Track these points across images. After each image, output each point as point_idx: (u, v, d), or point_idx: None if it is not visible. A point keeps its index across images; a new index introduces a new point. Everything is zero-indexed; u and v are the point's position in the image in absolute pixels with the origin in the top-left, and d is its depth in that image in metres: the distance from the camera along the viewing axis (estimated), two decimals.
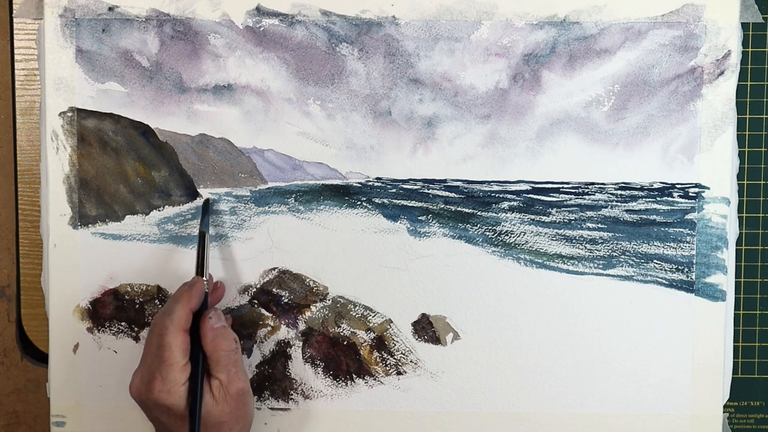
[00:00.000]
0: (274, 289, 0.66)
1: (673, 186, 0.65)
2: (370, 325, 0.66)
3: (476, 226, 0.65)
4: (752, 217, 0.67)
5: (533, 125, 0.65)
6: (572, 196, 0.65)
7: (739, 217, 0.65)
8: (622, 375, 0.65)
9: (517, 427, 0.66)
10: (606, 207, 0.65)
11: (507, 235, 0.65)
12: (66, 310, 0.66)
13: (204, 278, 0.61)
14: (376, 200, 0.65)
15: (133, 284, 0.66)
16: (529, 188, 0.65)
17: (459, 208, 0.65)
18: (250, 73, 0.65)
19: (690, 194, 0.65)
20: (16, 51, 0.67)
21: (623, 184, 0.65)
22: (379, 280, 0.65)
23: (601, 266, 0.65)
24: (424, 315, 0.66)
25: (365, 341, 0.66)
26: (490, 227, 0.65)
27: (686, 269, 0.65)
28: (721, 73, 0.64)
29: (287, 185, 0.66)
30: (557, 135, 0.65)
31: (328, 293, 0.66)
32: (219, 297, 0.64)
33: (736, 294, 0.67)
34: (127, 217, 0.66)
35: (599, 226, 0.65)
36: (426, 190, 0.65)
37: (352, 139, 0.65)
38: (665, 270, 0.65)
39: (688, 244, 0.65)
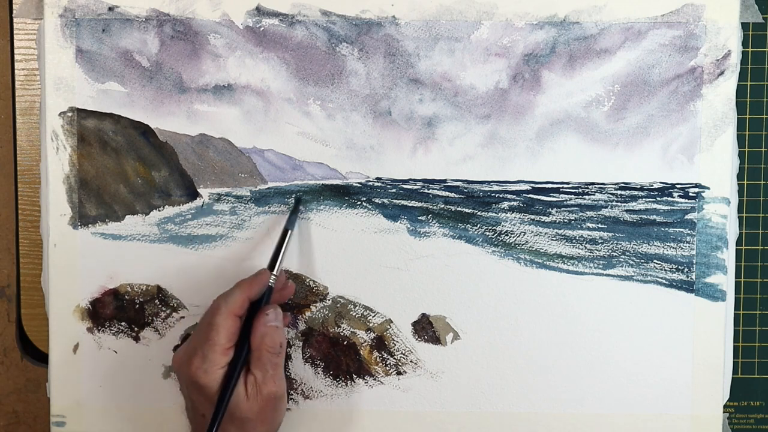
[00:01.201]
0: None
1: (673, 186, 0.65)
2: (370, 325, 0.66)
3: (476, 226, 0.65)
4: (752, 217, 0.67)
5: (533, 125, 0.65)
6: (572, 196, 0.65)
7: (739, 217, 0.65)
8: (622, 375, 0.65)
9: (517, 427, 0.66)
10: (606, 207, 0.65)
11: (507, 235, 0.65)
12: (66, 310, 0.66)
13: (274, 273, 0.61)
14: (376, 200, 0.65)
15: (133, 284, 0.66)
16: (529, 188, 0.65)
17: (459, 208, 0.65)
18: (250, 73, 0.65)
19: (690, 194, 0.65)
20: (16, 51, 0.67)
21: (623, 184, 0.65)
22: (379, 280, 0.65)
23: (601, 266, 0.65)
24: (424, 315, 0.66)
25: (365, 341, 0.66)
26: (490, 227, 0.65)
27: (686, 269, 0.65)
28: (721, 73, 0.64)
29: (287, 185, 0.66)
30: (557, 135, 0.65)
31: (328, 293, 0.66)
32: (287, 296, 0.63)
33: (736, 294, 0.67)
34: (127, 217, 0.66)
35: (599, 226, 0.65)
36: (426, 190, 0.65)
37: (352, 139, 0.65)
38: (665, 270, 0.65)
39: (688, 244, 0.65)
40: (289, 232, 0.63)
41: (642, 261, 0.65)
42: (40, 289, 0.66)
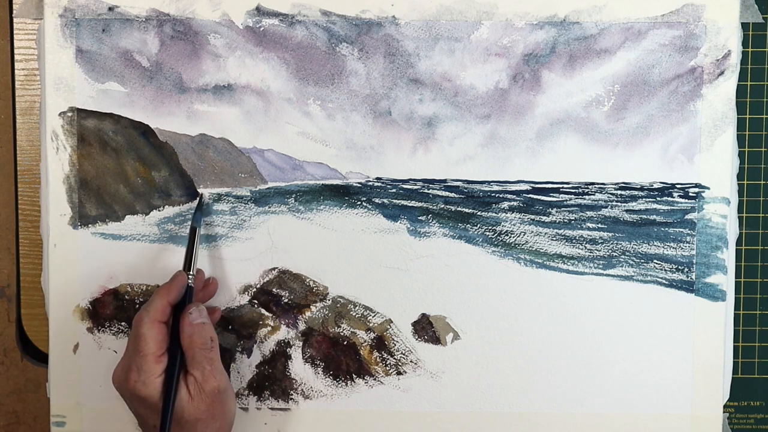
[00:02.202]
0: (274, 289, 0.66)
1: (673, 186, 0.65)
2: (370, 325, 0.66)
3: (476, 226, 0.65)
4: (752, 217, 0.67)
5: (533, 125, 0.65)
6: (572, 196, 0.65)
7: (739, 217, 0.65)
8: (622, 375, 0.65)
9: (517, 427, 0.66)
10: (606, 207, 0.65)
11: (507, 235, 0.65)
12: (66, 310, 0.65)
13: (190, 273, 0.61)
14: (376, 200, 0.65)
15: (133, 284, 0.66)
16: (529, 188, 0.65)
17: (459, 208, 0.65)
18: (250, 73, 0.65)
19: (690, 194, 0.65)
20: (16, 51, 0.67)
21: (623, 184, 0.65)
22: (379, 280, 0.65)
23: (601, 266, 0.65)
24: (424, 315, 0.66)
25: (365, 341, 0.66)
26: (490, 227, 0.65)
27: (686, 269, 0.65)
28: (721, 73, 0.64)
29: (287, 185, 0.66)
30: (557, 135, 0.65)
31: (328, 293, 0.66)
32: (211, 294, 0.64)
33: (736, 294, 0.67)
34: (127, 217, 0.66)
35: (599, 226, 0.65)
36: (426, 190, 0.65)
37: (352, 139, 0.65)
38: (665, 270, 0.65)
39: (688, 244, 0.65)
40: (197, 230, 0.63)
41: (642, 261, 0.65)
42: (40, 289, 0.66)
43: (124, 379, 0.57)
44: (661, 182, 0.65)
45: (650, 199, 0.65)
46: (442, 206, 0.65)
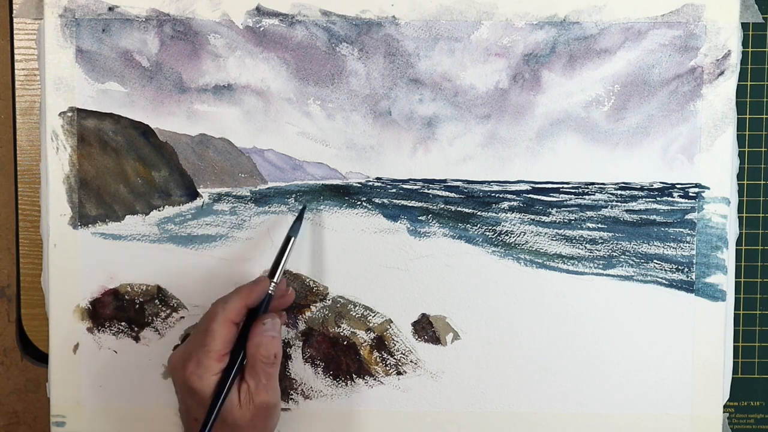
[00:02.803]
0: None
1: (673, 186, 0.65)
2: (370, 325, 0.66)
3: (476, 226, 0.65)
4: (752, 217, 0.67)
5: (533, 125, 0.65)
6: (572, 196, 0.65)
7: (739, 217, 0.65)
8: (622, 375, 0.65)
9: (517, 427, 0.66)
10: (606, 207, 0.65)
11: (507, 235, 0.65)
12: (66, 310, 0.65)
13: (274, 281, 0.60)
14: (376, 200, 0.65)
15: (133, 284, 0.66)
16: (529, 188, 0.65)
17: (459, 208, 0.65)
18: (250, 73, 0.65)
19: (690, 194, 0.65)
20: (16, 51, 0.67)
21: (623, 184, 0.65)
22: (379, 280, 0.65)
23: (601, 266, 0.65)
24: (424, 315, 0.66)
25: (365, 341, 0.66)
26: (490, 227, 0.65)
27: (686, 269, 0.65)
28: (721, 73, 0.64)
29: (287, 185, 0.66)
30: (557, 135, 0.65)
31: (328, 293, 0.66)
32: (285, 304, 0.63)
33: (736, 294, 0.67)
34: (127, 217, 0.66)
35: (599, 226, 0.65)
36: (426, 190, 0.65)
37: (352, 139, 0.65)
38: (665, 270, 0.65)
39: (688, 244, 0.65)
40: (292, 239, 0.62)
41: (642, 261, 0.65)
42: (40, 289, 0.66)
43: (182, 366, 0.57)
44: (661, 182, 0.65)
45: (650, 199, 0.65)
46: (442, 206, 0.65)
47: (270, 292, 0.60)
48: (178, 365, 0.58)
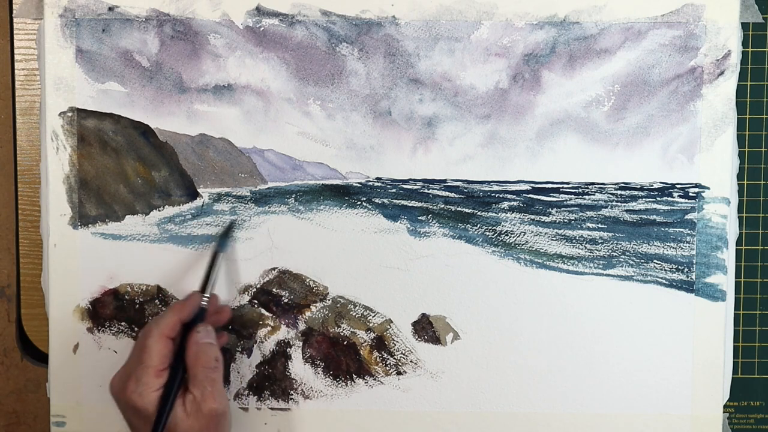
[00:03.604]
0: (274, 289, 0.66)
1: (673, 186, 0.65)
2: (370, 325, 0.66)
3: (476, 226, 0.65)
4: (752, 217, 0.67)
5: (533, 125, 0.65)
6: (572, 196, 0.65)
7: (739, 217, 0.65)
8: (622, 375, 0.65)
9: (517, 427, 0.66)
10: (606, 207, 0.65)
11: (507, 235, 0.65)
12: (66, 310, 0.66)
13: (205, 295, 0.61)
14: (376, 200, 0.65)
15: (133, 284, 0.66)
16: (529, 188, 0.65)
17: (459, 208, 0.65)
18: (250, 73, 0.65)
19: (690, 194, 0.65)
20: (16, 51, 0.67)
21: (623, 184, 0.65)
22: (379, 280, 0.65)
23: (601, 266, 0.65)
24: (424, 315, 0.66)
25: (365, 341, 0.66)
26: (490, 227, 0.65)
27: (686, 269, 0.65)
28: (721, 73, 0.64)
29: (287, 185, 0.66)
30: (557, 135, 0.65)
31: (328, 293, 0.66)
32: (221, 321, 0.64)
33: (736, 294, 0.67)
34: (127, 217, 0.66)
35: (599, 226, 0.65)
36: (426, 190, 0.65)
37: (352, 139, 0.65)
38: (665, 270, 0.65)
39: (688, 244, 0.65)
40: (220, 254, 0.63)
41: (642, 261, 0.65)
42: (40, 289, 0.66)
43: (122, 387, 0.57)
44: (661, 182, 0.65)
45: (650, 199, 0.65)
46: (442, 206, 0.65)
47: (203, 305, 0.60)
48: (118, 386, 0.58)
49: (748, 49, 0.66)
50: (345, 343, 0.66)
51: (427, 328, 0.66)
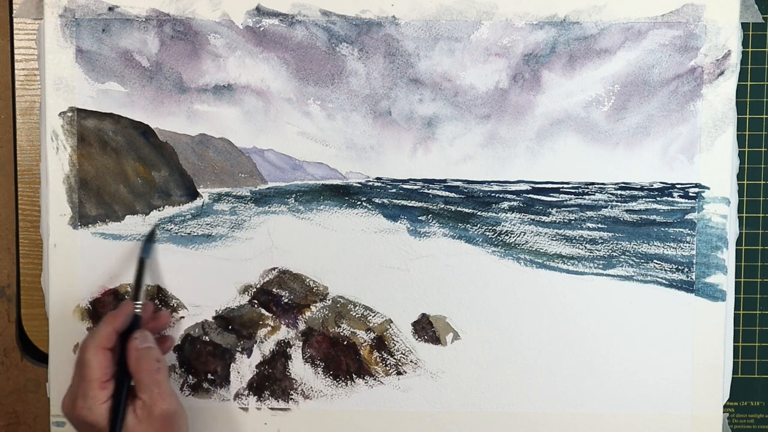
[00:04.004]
0: (274, 289, 0.66)
1: (673, 186, 0.65)
2: (370, 325, 0.66)
3: (476, 226, 0.65)
4: (752, 217, 0.67)
5: (533, 125, 0.65)
6: (572, 196, 0.65)
7: (739, 217, 0.65)
8: (622, 375, 0.65)
9: (517, 427, 0.66)
10: (606, 207, 0.65)
11: (507, 235, 0.65)
12: (66, 310, 0.65)
13: (138, 302, 0.61)
14: (376, 200, 0.65)
15: (133, 284, 0.66)
16: (529, 188, 0.65)
17: (459, 208, 0.65)
18: (250, 73, 0.65)
19: (690, 194, 0.65)
20: (16, 51, 0.67)
21: (623, 184, 0.65)
22: (379, 280, 0.65)
23: (601, 266, 0.65)
24: (424, 315, 0.66)
25: (365, 341, 0.66)
26: (490, 227, 0.65)
27: (686, 269, 0.65)
28: (721, 73, 0.64)
29: (287, 185, 0.66)
30: (557, 135, 0.65)
31: (328, 293, 0.66)
32: (161, 326, 0.64)
33: (736, 294, 0.67)
34: (127, 217, 0.66)
35: (599, 226, 0.65)
36: (426, 190, 0.65)
37: (352, 139, 0.65)
38: (665, 270, 0.65)
39: (688, 244, 0.65)
40: (146, 260, 0.63)
41: (642, 261, 0.65)
42: (40, 289, 0.66)
43: (71, 405, 0.57)
44: (661, 182, 0.65)
45: (650, 199, 0.65)
46: (442, 206, 0.65)
47: (137, 312, 0.60)
48: (69, 406, 0.57)
49: (748, 49, 0.66)
50: (345, 343, 0.66)
51: (427, 328, 0.66)
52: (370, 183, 0.65)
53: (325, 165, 0.65)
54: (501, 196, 0.65)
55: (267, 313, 0.66)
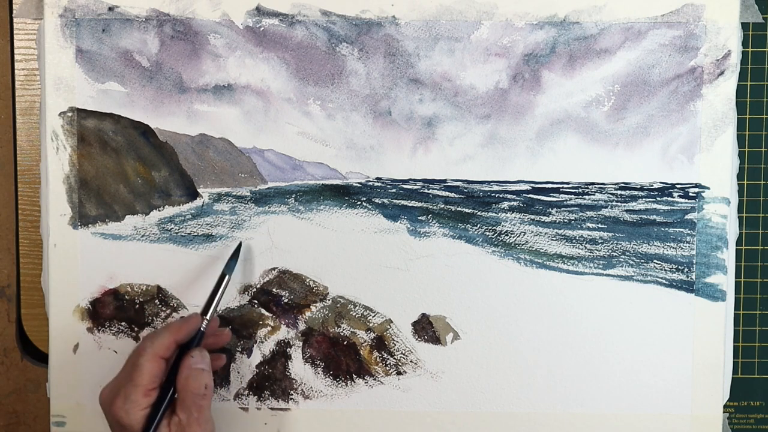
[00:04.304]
0: (274, 289, 0.66)
1: (673, 186, 0.65)
2: (370, 325, 0.66)
3: (476, 226, 0.65)
4: (752, 217, 0.67)
5: (533, 125, 0.65)
6: (572, 196, 0.65)
7: (739, 217, 0.65)
8: (622, 375, 0.65)
9: (517, 427, 0.66)
10: (606, 207, 0.65)
11: (507, 235, 0.65)
12: (66, 310, 0.66)
13: (206, 318, 0.60)
14: (376, 200, 0.65)
15: (133, 284, 0.66)
16: (529, 188, 0.65)
17: (459, 208, 0.65)
18: (250, 73, 0.65)
19: (690, 194, 0.65)
20: (16, 51, 0.67)
21: (623, 184, 0.65)
22: (379, 280, 0.65)
23: (601, 266, 0.65)
24: (424, 315, 0.66)
25: (365, 341, 0.66)
26: (490, 227, 0.65)
27: (686, 269, 0.65)
28: (721, 73, 0.64)
29: (287, 185, 0.66)
30: (557, 135, 0.65)
31: (328, 293, 0.66)
32: (221, 343, 0.63)
33: (736, 294, 0.67)
34: (127, 217, 0.66)
35: (599, 226, 0.65)
36: (426, 190, 0.65)
37: (352, 139, 0.65)
38: (665, 270, 0.65)
39: (688, 244, 0.65)
40: (227, 277, 0.62)
41: (642, 261, 0.65)
42: (40, 289, 0.66)
43: (110, 401, 0.57)
44: (661, 182, 0.65)
45: (650, 199, 0.65)
46: (442, 206, 0.65)
47: (202, 329, 0.60)
48: (107, 400, 0.57)
49: (748, 49, 0.66)
50: (345, 343, 0.66)
51: (427, 328, 0.66)
52: (370, 183, 0.65)
53: (325, 165, 0.65)
54: (501, 196, 0.65)
55: (267, 313, 0.66)
